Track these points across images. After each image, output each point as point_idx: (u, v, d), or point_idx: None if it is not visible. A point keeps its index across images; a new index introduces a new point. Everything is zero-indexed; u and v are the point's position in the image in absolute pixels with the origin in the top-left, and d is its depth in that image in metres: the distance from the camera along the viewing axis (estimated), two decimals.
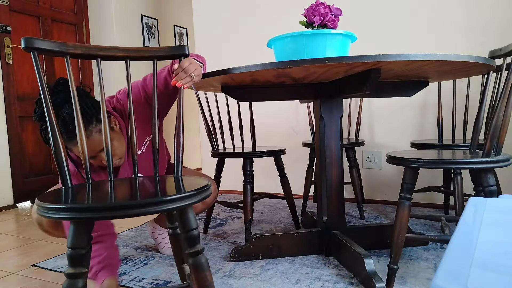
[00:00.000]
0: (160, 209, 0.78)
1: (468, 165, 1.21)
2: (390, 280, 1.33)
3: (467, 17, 2.30)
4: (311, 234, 1.69)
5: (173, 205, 0.80)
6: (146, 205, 0.78)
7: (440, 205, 2.43)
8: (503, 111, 1.19)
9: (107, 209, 0.76)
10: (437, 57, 1.11)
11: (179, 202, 0.81)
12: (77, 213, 0.76)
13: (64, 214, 0.76)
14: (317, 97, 1.65)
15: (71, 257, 0.79)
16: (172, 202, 0.80)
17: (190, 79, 1.17)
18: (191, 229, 0.88)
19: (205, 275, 0.88)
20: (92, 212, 0.75)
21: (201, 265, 0.88)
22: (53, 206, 0.77)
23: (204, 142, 3.26)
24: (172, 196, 0.81)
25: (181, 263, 1.22)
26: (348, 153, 2.20)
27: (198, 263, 0.88)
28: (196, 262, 0.88)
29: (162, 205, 0.79)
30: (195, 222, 0.89)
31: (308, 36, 1.32)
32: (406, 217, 1.29)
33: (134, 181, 1.04)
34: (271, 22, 2.89)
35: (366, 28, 2.56)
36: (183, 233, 0.89)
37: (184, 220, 0.88)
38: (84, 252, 0.80)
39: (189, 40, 4.53)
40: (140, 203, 0.77)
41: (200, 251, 0.89)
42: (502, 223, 0.57)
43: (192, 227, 0.88)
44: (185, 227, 0.88)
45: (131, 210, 0.76)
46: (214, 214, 2.47)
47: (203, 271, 0.88)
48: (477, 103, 2.31)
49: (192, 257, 0.88)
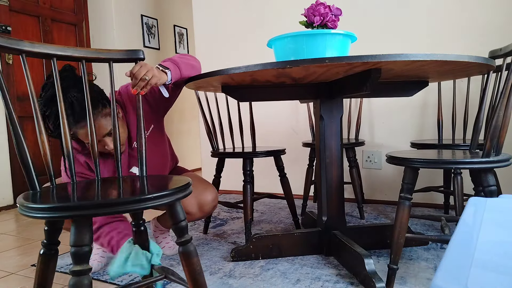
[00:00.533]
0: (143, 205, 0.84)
1: (468, 165, 1.21)
2: (390, 280, 1.33)
3: (467, 17, 2.30)
4: (311, 234, 1.69)
5: (160, 201, 0.86)
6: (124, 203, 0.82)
7: (440, 205, 2.43)
8: (503, 111, 1.19)
9: (90, 207, 0.79)
10: (437, 57, 1.11)
11: (165, 198, 0.87)
12: (58, 212, 0.78)
13: (43, 213, 0.78)
14: (317, 97, 1.65)
15: (75, 254, 0.80)
16: (156, 199, 0.86)
17: (144, 83, 1.17)
18: (180, 221, 0.97)
19: (194, 261, 0.98)
20: (75, 211, 0.78)
21: (190, 252, 0.97)
22: (32, 206, 0.79)
23: (204, 142, 3.26)
24: (157, 193, 0.86)
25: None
26: (348, 153, 2.20)
27: (187, 250, 0.97)
28: (186, 250, 0.97)
29: (145, 202, 0.84)
30: (183, 214, 0.97)
31: (308, 36, 1.32)
32: (406, 217, 1.29)
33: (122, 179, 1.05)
34: (271, 22, 2.89)
35: (366, 28, 2.56)
36: (173, 225, 0.97)
37: (173, 213, 0.96)
38: (87, 249, 0.81)
39: (189, 40, 4.53)
40: (119, 201, 0.81)
41: (189, 240, 0.97)
42: (502, 223, 0.57)
43: (180, 219, 0.96)
44: (174, 219, 0.96)
45: (117, 207, 0.81)
46: (214, 214, 2.47)
47: (192, 258, 0.97)
48: (477, 103, 2.31)
49: (182, 246, 0.97)
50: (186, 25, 4.47)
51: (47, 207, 0.77)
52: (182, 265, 0.98)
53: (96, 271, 1.59)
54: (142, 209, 0.83)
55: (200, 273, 0.99)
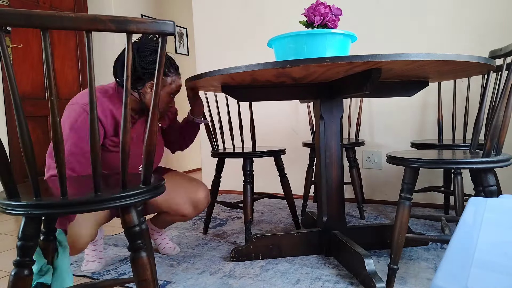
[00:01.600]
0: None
1: (468, 165, 1.21)
2: (390, 280, 1.33)
3: (467, 17, 2.30)
4: (311, 234, 1.69)
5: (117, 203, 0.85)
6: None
7: (440, 205, 2.43)
8: (503, 111, 1.19)
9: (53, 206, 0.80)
10: (437, 57, 1.11)
11: (120, 200, 0.86)
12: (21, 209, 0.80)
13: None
14: (317, 97, 1.65)
15: (21, 248, 0.84)
16: (114, 200, 0.85)
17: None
18: (132, 226, 0.91)
19: (147, 273, 0.92)
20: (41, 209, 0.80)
21: (138, 260, 0.92)
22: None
23: (204, 142, 3.26)
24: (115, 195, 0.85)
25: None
26: (348, 153, 2.20)
27: (136, 258, 0.91)
28: (135, 258, 0.91)
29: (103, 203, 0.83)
30: (137, 219, 0.92)
31: (308, 35, 1.32)
32: (406, 217, 1.29)
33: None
34: (271, 22, 2.89)
35: (366, 28, 2.56)
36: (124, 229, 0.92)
37: (126, 218, 0.91)
38: (31, 244, 0.85)
39: (189, 40, 4.53)
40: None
41: (142, 247, 0.92)
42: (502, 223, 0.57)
43: (134, 224, 0.91)
44: (126, 224, 0.91)
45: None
46: (214, 214, 2.47)
47: (144, 267, 0.92)
48: (477, 103, 2.31)
49: (133, 252, 0.92)
50: (186, 25, 4.47)
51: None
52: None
53: (97, 271, 1.59)
54: (95, 210, 0.83)
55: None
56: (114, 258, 1.74)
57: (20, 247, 0.84)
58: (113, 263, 1.68)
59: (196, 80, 1.41)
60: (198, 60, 3.22)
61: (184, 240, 1.96)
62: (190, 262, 1.66)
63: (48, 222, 1.03)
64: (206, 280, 1.47)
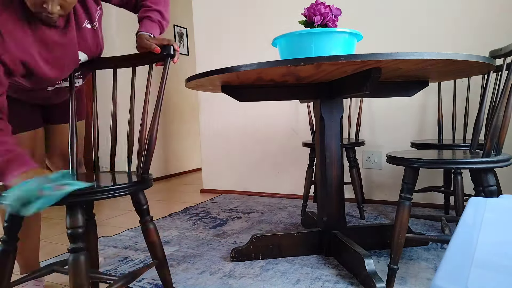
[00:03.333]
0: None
1: (468, 165, 1.21)
2: (390, 280, 1.33)
3: (467, 17, 2.30)
4: (311, 234, 1.69)
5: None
6: None
7: (440, 205, 2.43)
8: (503, 111, 1.19)
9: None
10: (447, 56, 1.10)
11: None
12: None
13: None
14: (317, 97, 1.65)
15: (71, 235, 0.95)
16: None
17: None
18: (142, 205, 1.17)
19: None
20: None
21: (147, 229, 1.19)
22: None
23: (204, 142, 3.26)
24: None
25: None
26: (348, 153, 2.20)
27: (146, 227, 1.18)
28: (145, 227, 1.18)
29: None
30: (144, 200, 1.17)
31: (315, 34, 1.31)
32: (406, 217, 1.29)
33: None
34: (271, 22, 2.89)
35: (366, 28, 2.56)
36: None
37: (136, 200, 1.18)
38: (81, 231, 0.95)
39: (189, 40, 4.52)
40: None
41: (149, 220, 1.18)
42: (502, 223, 0.57)
43: (143, 203, 1.18)
44: (138, 204, 1.18)
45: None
46: (214, 214, 2.47)
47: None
48: (477, 103, 2.31)
49: (143, 224, 1.18)
50: (186, 25, 4.47)
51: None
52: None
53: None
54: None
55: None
56: (114, 259, 1.74)
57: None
58: (113, 263, 1.68)
59: (199, 78, 1.40)
60: (198, 60, 3.22)
61: (184, 240, 1.96)
62: (190, 262, 1.66)
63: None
64: (206, 280, 1.47)
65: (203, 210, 2.60)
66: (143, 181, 1.10)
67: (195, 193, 3.28)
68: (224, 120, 3.14)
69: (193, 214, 2.49)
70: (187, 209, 2.65)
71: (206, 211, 2.56)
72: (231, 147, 3.14)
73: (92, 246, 1.31)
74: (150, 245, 1.16)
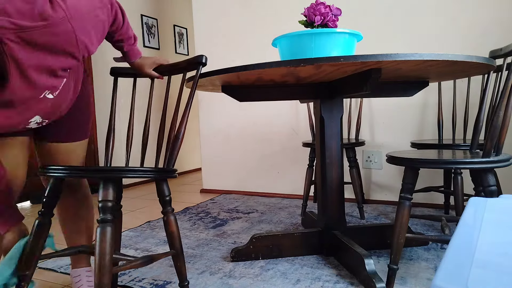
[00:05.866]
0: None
1: (468, 165, 1.21)
2: (390, 280, 1.33)
3: (467, 17, 2.30)
4: (311, 234, 1.69)
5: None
6: None
7: (440, 205, 2.43)
8: (503, 111, 1.19)
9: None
10: (447, 57, 1.11)
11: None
12: None
13: None
14: (317, 97, 1.65)
15: (102, 208, 1.03)
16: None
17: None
18: (165, 196, 1.21)
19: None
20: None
21: (168, 220, 1.22)
22: None
23: (204, 142, 3.26)
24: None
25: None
26: (348, 153, 2.20)
27: (167, 218, 1.23)
28: (166, 218, 1.23)
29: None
30: (167, 191, 1.21)
31: (316, 34, 1.31)
32: (406, 217, 1.29)
33: None
34: (271, 22, 2.89)
35: (366, 28, 2.56)
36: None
37: (160, 189, 1.22)
38: (110, 204, 1.03)
39: (189, 40, 4.52)
40: None
41: (170, 211, 1.22)
42: (502, 223, 0.57)
43: (166, 194, 1.22)
44: (161, 194, 1.23)
45: None
46: (214, 214, 2.47)
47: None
48: (477, 103, 2.31)
49: (165, 215, 1.22)
50: (186, 25, 4.47)
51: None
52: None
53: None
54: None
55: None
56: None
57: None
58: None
59: (201, 78, 1.40)
60: None
61: (184, 240, 1.96)
62: (190, 262, 1.66)
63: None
64: (206, 280, 1.47)
65: (203, 210, 2.60)
66: (169, 170, 1.19)
67: (195, 193, 3.28)
68: (224, 120, 3.14)
69: (193, 214, 2.49)
70: (187, 209, 2.65)
71: (206, 211, 2.56)
72: (231, 147, 3.14)
73: (117, 232, 1.35)
74: (169, 235, 1.22)
